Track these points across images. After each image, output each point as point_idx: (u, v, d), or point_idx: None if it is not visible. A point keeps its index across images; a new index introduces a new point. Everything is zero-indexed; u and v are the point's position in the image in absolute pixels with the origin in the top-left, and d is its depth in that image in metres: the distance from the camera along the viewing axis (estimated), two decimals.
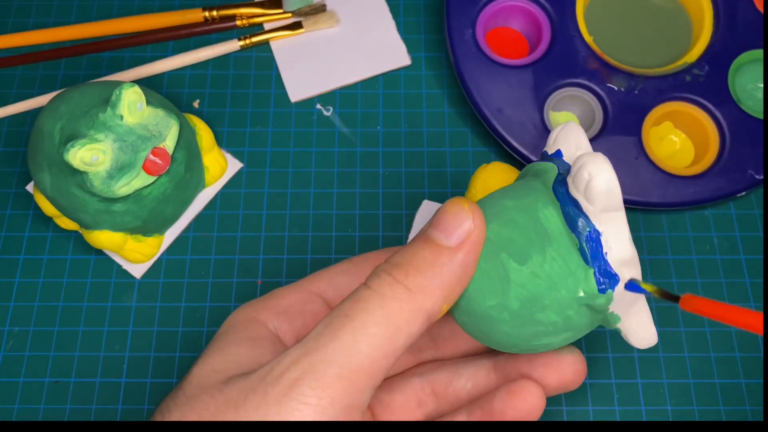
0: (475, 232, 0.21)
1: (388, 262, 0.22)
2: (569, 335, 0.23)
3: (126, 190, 0.30)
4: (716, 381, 0.33)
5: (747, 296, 0.35)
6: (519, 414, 0.25)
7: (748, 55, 0.38)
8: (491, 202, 0.23)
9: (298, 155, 0.38)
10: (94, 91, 0.31)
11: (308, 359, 0.20)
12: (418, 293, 0.21)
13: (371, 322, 0.20)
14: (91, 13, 0.42)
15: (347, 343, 0.20)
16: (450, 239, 0.21)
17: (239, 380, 0.21)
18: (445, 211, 0.22)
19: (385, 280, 0.21)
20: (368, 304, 0.21)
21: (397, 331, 0.20)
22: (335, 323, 0.20)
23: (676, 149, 0.37)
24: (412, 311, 0.21)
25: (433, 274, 0.21)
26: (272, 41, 0.41)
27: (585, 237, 0.21)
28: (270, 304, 0.26)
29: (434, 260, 0.21)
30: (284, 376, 0.20)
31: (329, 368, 0.20)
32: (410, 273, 0.21)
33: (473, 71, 0.37)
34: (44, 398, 0.32)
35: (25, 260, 0.35)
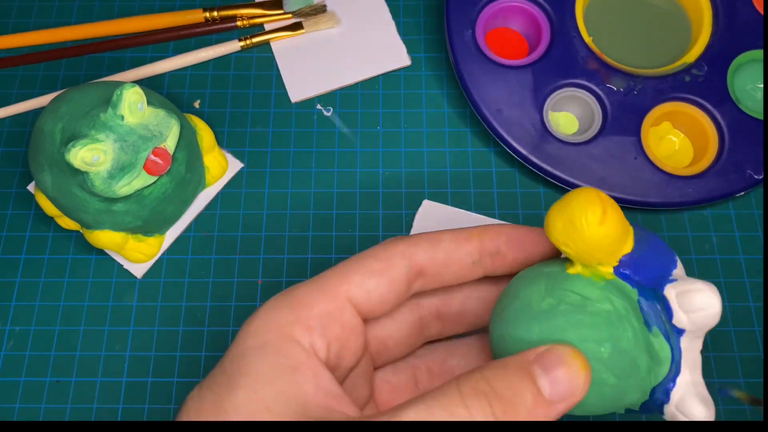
0: (576, 400, 0.21)
1: (490, 386, 0.21)
2: None
3: (127, 190, 0.30)
4: (716, 380, 0.33)
5: (746, 296, 0.35)
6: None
7: (747, 56, 0.38)
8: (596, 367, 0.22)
9: (298, 155, 0.38)
10: (95, 92, 0.31)
11: None
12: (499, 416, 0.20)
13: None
14: (91, 14, 0.42)
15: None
16: (554, 394, 0.21)
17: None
18: (561, 359, 0.21)
19: (483, 409, 0.20)
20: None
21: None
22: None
23: (675, 149, 0.37)
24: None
25: (525, 418, 0.21)
26: (273, 42, 0.41)
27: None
28: (301, 316, 0.24)
29: (532, 409, 0.21)
30: None
31: None
32: (508, 413, 0.20)
33: (473, 72, 0.37)
34: (45, 398, 0.32)
35: (26, 260, 0.35)
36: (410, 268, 0.25)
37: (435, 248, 0.25)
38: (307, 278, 0.35)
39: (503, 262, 0.26)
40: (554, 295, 0.22)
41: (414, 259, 0.25)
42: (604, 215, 0.21)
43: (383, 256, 0.25)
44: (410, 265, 0.25)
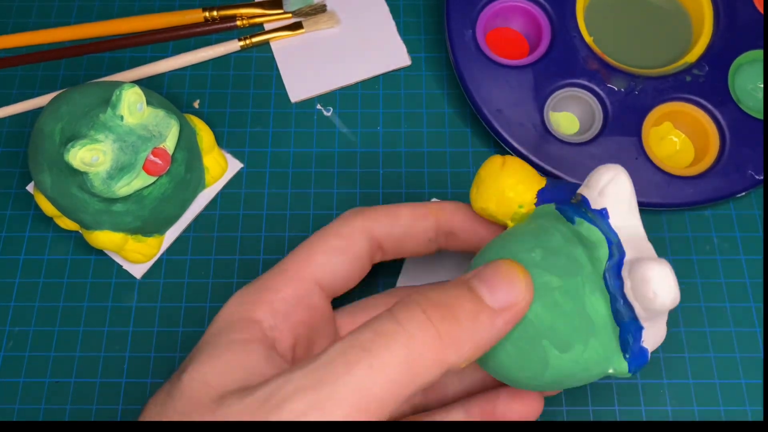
0: (521, 306, 0.20)
1: (423, 296, 0.20)
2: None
3: (126, 191, 0.30)
4: (716, 381, 0.33)
5: (747, 297, 0.35)
6: (519, 416, 0.25)
7: (748, 56, 0.38)
8: (532, 272, 0.21)
9: (298, 155, 0.38)
10: (95, 92, 0.31)
11: (316, 393, 0.18)
12: (448, 343, 0.19)
13: (390, 363, 0.18)
14: (91, 14, 0.42)
15: (361, 382, 0.18)
16: (496, 301, 0.20)
17: (235, 401, 0.19)
18: (498, 270, 0.20)
19: (416, 317, 0.19)
20: (391, 342, 0.19)
21: (415, 377, 0.19)
22: (351, 355, 0.19)
23: (676, 149, 0.37)
24: (435, 360, 0.19)
25: (469, 329, 0.19)
26: (272, 41, 0.41)
27: (632, 334, 0.22)
28: (265, 299, 0.24)
29: (474, 316, 0.20)
30: (287, 405, 0.18)
31: (337, 406, 0.18)
32: (447, 318, 0.19)
33: (473, 72, 0.37)
34: (44, 398, 0.32)
35: (25, 260, 0.35)
36: (371, 243, 0.25)
37: (393, 224, 0.26)
38: None
39: (455, 243, 0.27)
40: (491, 248, 0.23)
41: (373, 233, 0.25)
42: (504, 162, 0.24)
43: (344, 233, 0.25)
44: (370, 240, 0.25)
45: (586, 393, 0.33)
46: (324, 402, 0.18)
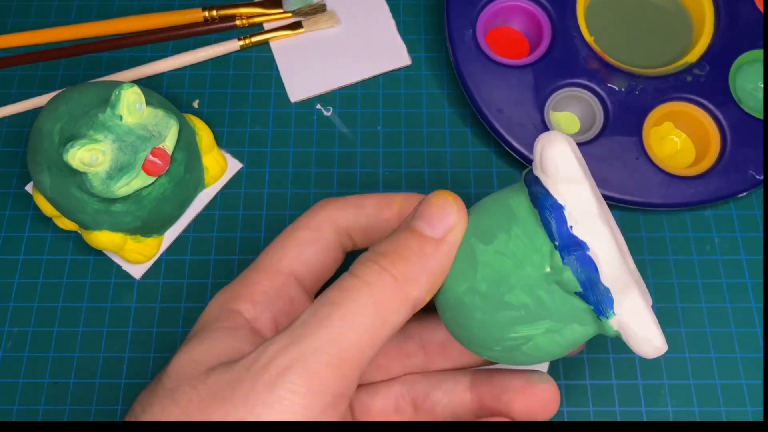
0: (459, 224, 0.22)
1: (373, 251, 0.22)
2: (549, 325, 0.22)
3: (125, 191, 0.30)
4: (717, 382, 0.33)
5: (748, 297, 0.35)
6: (527, 410, 0.25)
7: (748, 55, 0.38)
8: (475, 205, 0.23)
9: (298, 155, 0.38)
10: (94, 92, 0.31)
11: (296, 347, 0.20)
12: (404, 282, 0.21)
13: (359, 311, 0.20)
14: (90, 13, 0.42)
15: (336, 332, 0.20)
16: (435, 231, 0.22)
17: (223, 371, 0.20)
18: (430, 203, 0.22)
19: (371, 269, 0.21)
20: (355, 293, 0.21)
21: (384, 320, 0.21)
22: (322, 311, 0.20)
23: (677, 149, 0.37)
24: (399, 300, 0.21)
25: (419, 263, 0.21)
26: (272, 41, 0.41)
27: (547, 211, 0.21)
28: (245, 292, 0.25)
29: (420, 250, 0.21)
30: (272, 364, 0.20)
31: (318, 356, 0.20)
32: (397, 262, 0.21)
33: (473, 71, 0.37)
34: (44, 399, 0.32)
35: (24, 261, 0.35)
36: (339, 233, 0.26)
37: (359, 213, 0.26)
38: None
39: None
40: None
41: (340, 223, 0.26)
42: None
43: (312, 225, 0.26)
44: (338, 230, 0.26)
45: (586, 393, 0.33)
46: (305, 354, 0.19)
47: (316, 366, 0.19)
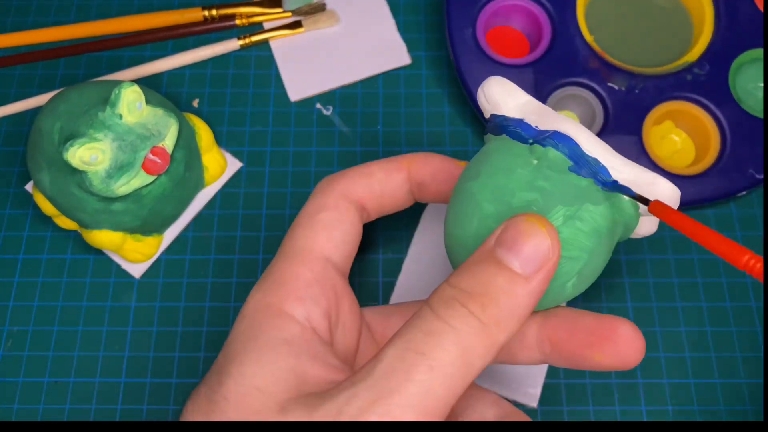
0: (554, 259, 0.20)
1: (457, 288, 0.20)
2: (563, 210, 0.21)
3: (125, 190, 0.30)
4: (717, 381, 0.33)
5: (747, 296, 0.34)
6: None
7: (748, 55, 0.38)
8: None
9: (297, 155, 0.38)
10: (94, 91, 0.31)
11: (385, 403, 0.18)
12: (494, 327, 0.19)
13: (447, 362, 0.19)
14: (90, 13, 0.42)
15: (425, 386, 0.19)
16: (528, 269, 0.20)
17: (299, 411, 0.19)
18: (521, 233, 0.20)
19: (458, 312, 0.19)
20: (442, 340, 0.19)
21: (470, 368, 0.19)
22: (409, 360, 0.19)
23: (677, 148, 0.37)
24: (486, 347, 0.19)
25: (509, 306, 0.19)
26: (272, 40, 0.41)
27: (512, 127, 0.22)
28: (288, 290, 0.23)
29: (510, 290, 0.19)
30: (359, 418, 0.18)
31: (407, 413, 0.18)
32: (486, 306, 0.19)
33: (474, 70, 0.37)
34: (43, 398, 0.32)
35: (24, 260, 0.35)
36: (356, 206, 0.26)
37: (370, 182, 0.26)
38: None
39: (428, 193, 0.27)
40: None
41: (355, 196, 0.26)
42: None
43: (331, 204, 0.25)
44: (355, 203, 0.26)
45: (586, 393, 0.33)
46: (393, 411, 0.18)
47: (402, 417, 0.18)
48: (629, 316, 0.34)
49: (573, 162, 0.21)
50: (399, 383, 0.19)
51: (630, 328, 0.22)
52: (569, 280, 0.21)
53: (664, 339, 0.34)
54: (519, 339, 0.24)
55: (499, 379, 0.33)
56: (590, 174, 0.21)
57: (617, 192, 0.21)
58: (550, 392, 0.33)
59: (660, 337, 0.34)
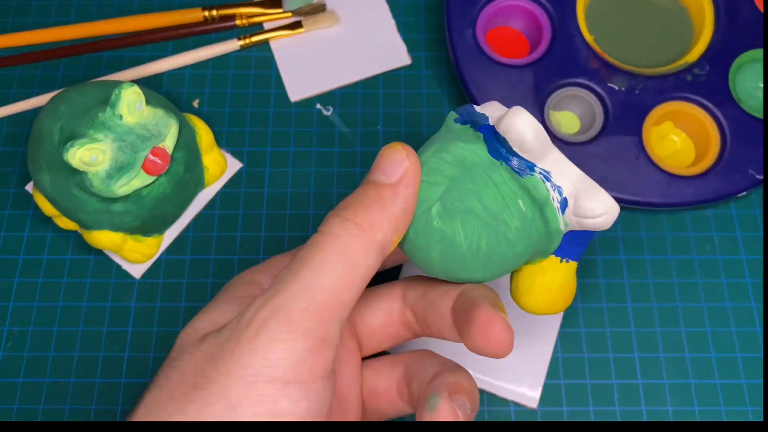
0: (411, 167, 0.23)
1: (335, 208, 0.23)
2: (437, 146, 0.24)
3: (125, 190, 0.30)
4: (717, 381, 0.33)
5: (747, 296, 0.34)
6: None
7: (748, 55, 0.38)
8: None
9: (297, 155, 0.38)
10: (94, 91, 0.31)
11: (274, 301, 0.21)
12: (368, 227, 0.22)
13: (329, 260, 0.21)
14: (90, 13, 0.42)
15: (309, 281, 0.21)
16: (390, 178, 0.23)
17: (215, 334, 0.22)
18: (381, 156, 0.23)
19: (335, 221, 0.22)
20: (323, 244, 0.22)
21: (355, 264, 0.21)
22: (295, 267, 0.22)
23: (677, 149, 0.37)
24: (365, 244, 0.22)
25: (379, 208, 0.22)
26: (272, 41, 0.41)
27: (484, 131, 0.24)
28: (268, 268, 0.27)
29: (378, 197, 0.23)
30: (253, 319, 0.21)
31: (295, 304, 0.21)
32: (358, 211, 0.22)
33: (473, 71, 0.37)
34: (43, 398, 0.32)
35: (24, 260, 0.35)
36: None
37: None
38: None
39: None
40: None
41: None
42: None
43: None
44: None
45: (586, 393, 0.33)
46: (282, 305, 0.21)
47: (293, 314, 0.20)
48: (629, 316, 0.34)
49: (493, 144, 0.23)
50: (287, 283, 0.21)
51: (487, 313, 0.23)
52: (433, 204, 0.23)
53: (664, 339, 0.34)
54: (439, 316, 0.25)
55: (499, 380, 0.33)
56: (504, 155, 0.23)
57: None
58: (550, 392, 0.33)
59: (660, 337, 0.34)
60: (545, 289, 0.25)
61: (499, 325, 0.22)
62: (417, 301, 0.26)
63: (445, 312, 0.25)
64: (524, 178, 0.23)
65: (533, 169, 0.23)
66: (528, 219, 0.23)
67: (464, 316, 0.23)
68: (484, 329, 0.22)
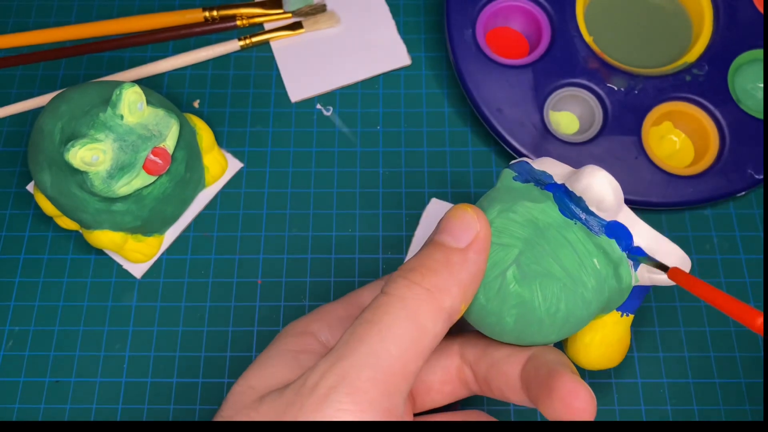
0: (483, 232, 0.22)
1: (401, 268, 0.22)
2: (501, 206, 0.23)
3: (126, 190, 0.30)
4: (716, 381, 0.33)
5: (747, 296, 0.35)
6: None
7: (747, 55, 0.38)
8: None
9: (298, 155, 0.38)
10: (95, 91, 0.31)
11: (340, 366, 0.20)
12: (436, 292, 0.21)
13: (396, 325, 0.20)
14: (91, 13, 0.42)
15: (376, 347, 0.20)
16: (460, 242, 0.22)
17: (275, 397, 0.21)
18: (450, 217, 0.22)
19: (402, 284, 0.21)
20: (390, 308, 0.21)
21: (423, 330, 0.21)
22: (360, 330, 0.20)
23: (676, 149, 0.37)
24: (433, 310, 0.21)
25: (447, 273, 0.21)
26: (272, 41, 0.41)
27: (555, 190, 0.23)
28: (320, 317, 0.26)
29: (447, 261, 0.22)
30: (318, 385, 0.20)
31: (362, 373, 0.20)
32: (426, 275, 0.21)
33: (473, 71, 0.37)
34: (44, 398, 0.32)
35: (25, 260, 0.35)
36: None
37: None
38: (306, 279, 0.35)
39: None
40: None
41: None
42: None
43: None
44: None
45: None
46: (349, 372, 0.20)
47: (360, 383, 0.19)
48: None
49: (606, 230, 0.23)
50: (351, 350, 0.20)
51: (571, 382, 0.22)
52: (508, 268, 0.22)
53: (663, 339, 0.34)
54: (504, 379, 0.24)
55: None
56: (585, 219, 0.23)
57: (637, 257, 0.22)
58: None
59: (660, 337, 0.34)
60: (605, 345, 0.24)
61: (584, 395, 0.21)
62: (477, 361, 0.25)
63: (511, 375, 0.23)
64: (600, 237, 0.22)
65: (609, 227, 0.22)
66: (602, 277, 0.22)
67: (540, 383, 0.22)
68: (569, 400, 0.21)
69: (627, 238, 0.22)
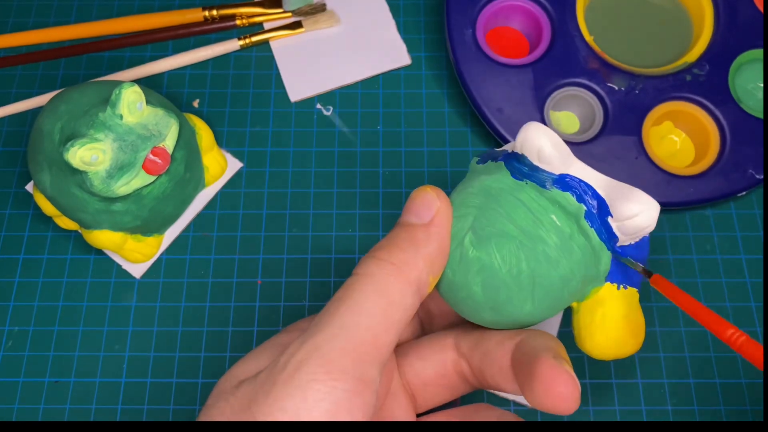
0: (443, 207, 0.23)
1: (370, 251, 0.23)
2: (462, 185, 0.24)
3: (126, 190, 0.30)
4: (716, 381, 0.33)
5: (747, 296, 0.35)
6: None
7: (748, 55, 0.38)
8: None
9: (298, 155, 0.38)
10: (94, 91, 0.31)
11: (311, 341, 0.20)
12: (403, 266, 0.22)
13: (365, 299, 0.21)
14: (91, 13, 0.42)
15: (346, 320, 0.21)
16: (423, 218, 0.23)
17: (251, 380, 0.21)
18: (412, 198, 0.24)
19: (370, 263, 0.22)
20: (359, 285, 0.21)
21: (391, 302, 0.21)
22: (331, 308, 0.21)
23: (677, 149, 0.37)
24: (401, 282, 0.22)
25: (413, 249, 0.22)
26: (272, 41, 0.41)
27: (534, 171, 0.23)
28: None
29: (412, 237, 0.23)
30: (290, 361, 0.20)
31: (332, 344, 0.20)
32: (393, 251, 0.22)
33: (473, 71, 0.37)
34: (44, 398, 0.32)
35: (24, 260, 0.35)
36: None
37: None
38: (306, 279, 0.35)
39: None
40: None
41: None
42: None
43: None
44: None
45: (586, 393, 0.33)
46: (320, 345, 0.20)
47: (331, 353, 0.20)
48: None
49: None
50: (324, 325, 0.21)
51: (551, 367, 0.21)
52: (465, 235, 0.23)
53: (663, 339, 0.34)
54: (497, 368, 0.23)
55: None
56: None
57: (619, 257, 0.22)
58: None
59: (660, 337, 0.34)
60: (608, 324, 0.23)
61: (563, 379, 0.20)
62: (471, 352, 0.24)
63: (503, 363, 0.23)
64: (551, 190, 0.22)
65: (558, 180, 0.22)
66: (566, 234, 0.22)
67: (525, 368, 0.21)
68: (548, 384, 0.20)
69: (580, 188, 0.22)
